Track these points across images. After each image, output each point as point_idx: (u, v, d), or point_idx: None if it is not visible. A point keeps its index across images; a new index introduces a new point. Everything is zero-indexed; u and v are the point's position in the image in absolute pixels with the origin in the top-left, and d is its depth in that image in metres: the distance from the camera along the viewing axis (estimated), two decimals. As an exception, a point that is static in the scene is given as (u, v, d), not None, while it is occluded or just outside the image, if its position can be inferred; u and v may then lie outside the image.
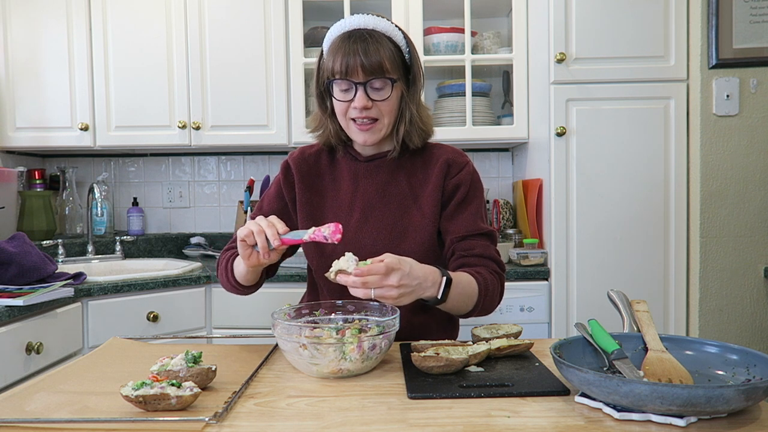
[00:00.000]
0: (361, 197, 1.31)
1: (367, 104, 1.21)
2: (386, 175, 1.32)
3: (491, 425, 0.77)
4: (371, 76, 1.20)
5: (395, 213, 1.29)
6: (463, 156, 1.34)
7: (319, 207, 1.33)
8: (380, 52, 1.20)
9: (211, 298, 2.23)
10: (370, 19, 1.24)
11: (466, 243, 1.27)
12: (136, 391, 0.81)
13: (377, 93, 1.22)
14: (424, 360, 0.97)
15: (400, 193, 1.31)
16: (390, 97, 1.23)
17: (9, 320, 1.64)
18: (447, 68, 2.65)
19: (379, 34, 1.22)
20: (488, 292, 1.21)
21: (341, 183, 1.34)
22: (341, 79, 1.21)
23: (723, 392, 0.72)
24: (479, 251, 1.26)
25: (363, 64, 1.19)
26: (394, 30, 1.25)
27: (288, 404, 0.86)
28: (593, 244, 2.22)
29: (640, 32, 2.19)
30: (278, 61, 2.51)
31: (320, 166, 1.37)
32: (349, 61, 1.19)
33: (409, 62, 1.28)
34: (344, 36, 1.22)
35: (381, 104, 1.23)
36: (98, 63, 2.50)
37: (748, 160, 2.15)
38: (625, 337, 0.98)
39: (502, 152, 2.90)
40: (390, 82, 1.22)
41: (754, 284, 2.16)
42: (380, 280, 1.01)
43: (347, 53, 1.19)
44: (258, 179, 2.80)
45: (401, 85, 1.26)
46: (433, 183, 1.30)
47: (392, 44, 1.24)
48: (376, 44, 1.20)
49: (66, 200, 2.76)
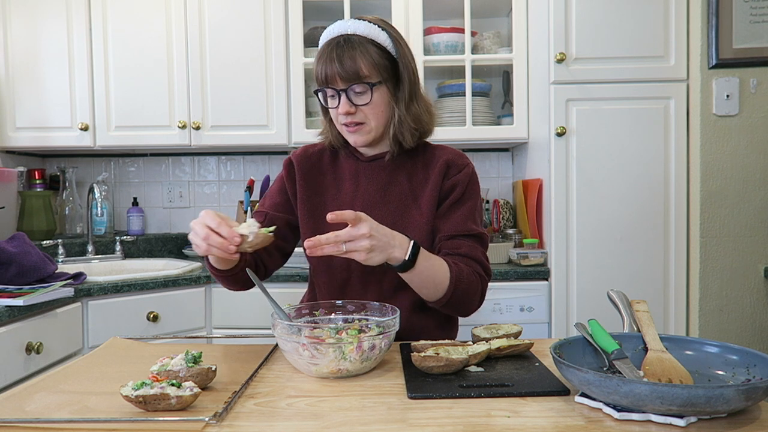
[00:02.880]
0: (362, 196, 1.31)
1: (349, 110, 1.23)
2: (387, 175, 1.32)
3: (491, 425, 0.77)
4: (350, 83, 1.21)
5: (395, 212, 1.29)
6: (464, 158, 1.34)
7: (320, 204, 1.33)
8: (356, 58, 1.20)
9: (211, 298, 2.23)
10: (351, 23, 1.24)
11: (453, 242, 1.26)
12: (136, 391, 0.81)
13: (359, 97, 1.23)
14: (424, 360, 0.97)
15: (400, 192, 1.31)
16: (372, 101, 1.23)
17: (9, 320, 1.64)
18: (447, 68, 2.65)
19: (359, 39, 1.22)
20: (461, 283, 1.19)
21: (342, 182, 1.35)
22: (325, 87, 1.24)
23: (723, 392, 0.72)
24: (465, 251, 1.25)
25: (339, 73, 1.20)
26: (376, 31, 1.24)
27: (288, 404, 0.86)
28: (593, 244, 2.22)
29: (640, 32, 2.19)
30: (278, 61, 2.51)
31: (322, 165, 1.37)
32: (327, 70, 1.21)
33: (397, 62, 1.26)
34: (326, 44, 1.24)
35: (364, 108, 1.24)
36: (98, 63, 2.50)
37: (748, 160, 2.14)
38: (625, 337, 0.98)
39: (502, 152, 2.90)
40: (369, 87, 1.22)
41: (754, 284, 2.16)
42: (351, 231, 1.02)
43: (326, 62, 1.21)
44: (258, 179, 2.80)
45: (386, 87, 1.25)
46: (432, 183, 1.30)
47: (374, 46, 1.23)
48: (352, 50, 1.20)
49: (66, 200, 2.76)
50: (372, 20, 1.26)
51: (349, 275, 1.31)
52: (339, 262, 1.29)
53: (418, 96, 1.31)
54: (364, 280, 1.30)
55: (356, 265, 1.28)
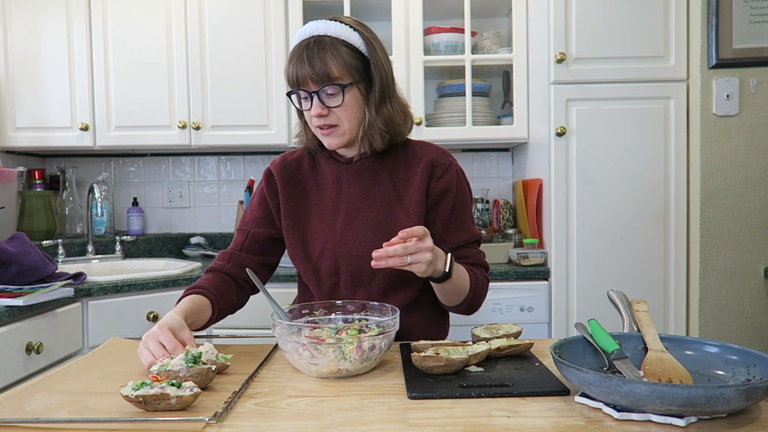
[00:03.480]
0: (345, 200, 1.31)
1: (322, 112, 1.21)
2: (369, 177, 1.31)
3: (491, 425, 0.77)
4: (321, 85, 1.20)
5: (380, 213, 1.29)
6: (447, 155, 1.33)
7: (303, 212, 1.33)
8: (327, 59, 1.18)
9: (211, 298, 2.23)
10: (322, 24, 1.23)
11: (461, 252, 1.30)
12: (136, 391, 0.81)
13: (331, 99, 1.21)
14: (424, 360, 0.97)
15: (384, 193, 1.30)
16: (344, 103, 1.21)
17: (9, 320, 1.64)
18: (447, 68, 2.65)
19: (330, 40, 1.20)
20: (477, 289, 1.27)
21: (324, 187, 1.33)
22: (297, 90, 1.22)
23: (723, 392, 0.72)
24: (474, 260, 1.31)
25: (310, 74, 1.19)
26: (348, 32, 1.22)
27: (288, 404, 0.86)
28: (593, 244, 2.22)
29: (640, 32, 2.19)
30: (278, 61, 2.51)
31: (302, 172, 1.36)
32: (298, 72, 1.20)
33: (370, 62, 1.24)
34: (297, 45, 1.23)
35: (336, 110, 1.22)
36: (98, 63, 2.50)
37: (748, 160, 2.14)
38: (625, 337, 0.98)
39: (502, 152, 2.90)
40: (340, 89, 1.20)
41: (754, 284, 2.16)
42: (419, 245, 1.05)
43: (297, 63, 1.20)
44: (258, 179, 2.80)
45: (358, 88, 1.23)
46: (417, 183, 1.29)
47: (346, 47, 1.21)
48: (323, 52, 1.19)
49: (66, 200, 2.76)
50: (345, 21, 1.24)
51: (338, 280, 1.30)
52: (326, 268, 1.29)
53: (393, 97, 1.28)
54: (352, 285, 1.29)
55: (344, 270, 1.28)
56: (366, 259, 1.24)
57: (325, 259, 1.29)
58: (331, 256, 1.28)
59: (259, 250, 1.35)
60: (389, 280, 1.28)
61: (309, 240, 1.31)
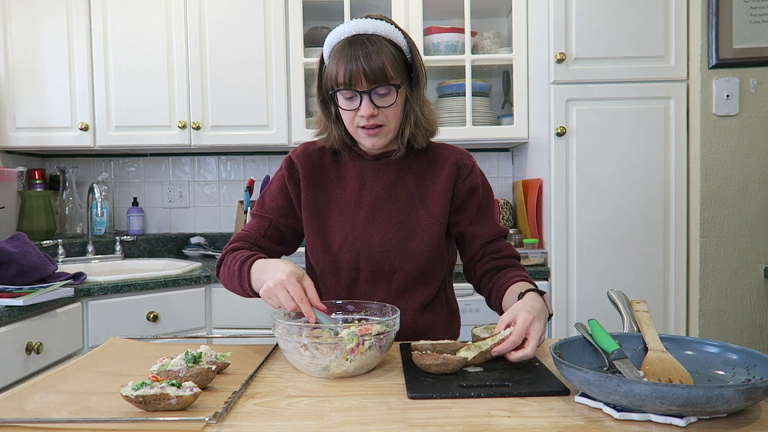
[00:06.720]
0: (368, 196, 1.30)
1: (373, 112, 1.20)
2: (394, 175, 1.31)
3: (491, 425, 0.77)
4: (375, 84, 1.18)
5: (403, 212, 1.29)
6: (469, 156, 1.36)
7: (324, 204, 1.32)
8: (382, 58, 1.17)
9: (211, 298, 2.23)
10: (369, 23, 1.21)
11: (494, 245, 1.32)
12: (136, 391, 0.81)
13: (382, 99, 1.20)
14: (423, 357, 0.97)
15: (407, 192, 1.30)
16: (395, 103, 1.22)
17: (9, 320, 1.64)
18: (447, 68, 2.65)
19: (379, 39, 1.20)
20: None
21: (347, 181, 1.33)
22: (345, 89, 1.19)
23: (723, 392, 0.72)
24: (507, 252, 1.32)
25: (366, 73, 1.16)
26: (395, 32, 1.23)
27: (288, 404, 0.86)
28: (593, 244, 2.22)
29: (640, 32, 2.19)
30: (278, 61, 2.51)
31: (324, 164, 1.35)
32: (351, 70, 1.17)
33: (411, 63, 1.26)
34: (345, 43, 1.20)
35: (386, 110, 1.21)
36: (98, 63, 2.50)
37: (748, 160, 2.14)
38: (625, 337, 0.98)
39: (502, 152, 2.90)
40: (394, 89, 1.20)
41: (754, 284, 2.16)
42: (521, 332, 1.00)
43: (349, 61, 1.17)
44: (258, 179, 2.80)
45: (405, 88, 1.24)
46: (441, 184, 1.29)
47: (393, 47, 1.21)
48: (377, 50, 1.17)
49: (66, 200, 2.76)
50: (387, 20, 1.24)
51: (357, 276, 1.29)
52: (346, 263, 1.28)
53: (425, 97, 1.31)
54: (372, 281, 1.29)
55: (364, 265, 1.28)
56: (386, 255, 1.26)
57: (344, 253, 1.28)
58: (352, 251, 1.27)
59: (279, 240, 1.33)
60: (409, 278, 1.28)
61: (329, 233, 1.30)
